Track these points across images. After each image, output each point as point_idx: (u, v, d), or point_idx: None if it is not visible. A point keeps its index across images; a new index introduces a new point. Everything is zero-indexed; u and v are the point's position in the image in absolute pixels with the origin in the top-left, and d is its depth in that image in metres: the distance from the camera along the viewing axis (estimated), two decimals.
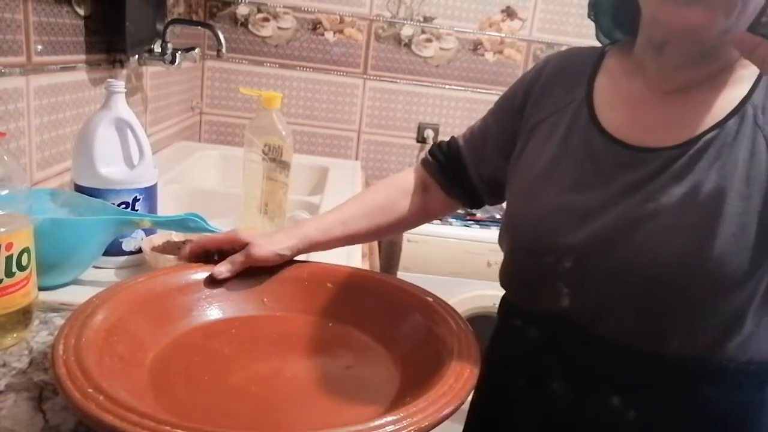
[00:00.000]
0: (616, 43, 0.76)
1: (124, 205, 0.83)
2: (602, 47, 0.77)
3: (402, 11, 2.08)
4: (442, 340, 0.61)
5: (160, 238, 0.88)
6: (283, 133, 0.88)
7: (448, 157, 0.87)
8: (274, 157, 0.89)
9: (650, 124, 0.67)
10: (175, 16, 1.68)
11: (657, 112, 0.67)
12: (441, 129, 2.19)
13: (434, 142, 0.91)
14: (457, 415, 0.50)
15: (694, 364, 0.65)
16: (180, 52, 1.41)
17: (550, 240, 0.69)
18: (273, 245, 0.73)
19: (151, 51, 1.37)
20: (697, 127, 0.64)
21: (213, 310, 0.69)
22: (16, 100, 0.90)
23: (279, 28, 2.06)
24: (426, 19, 2.09)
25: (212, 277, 0.70)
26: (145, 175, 0.86)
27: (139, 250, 0.86)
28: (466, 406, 0.67)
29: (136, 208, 0.85)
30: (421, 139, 2.19)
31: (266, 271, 0.73)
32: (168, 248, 0.86)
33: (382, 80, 2.13)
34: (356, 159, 2.20)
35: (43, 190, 0.84)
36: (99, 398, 0.44)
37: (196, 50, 1.54)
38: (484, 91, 2.17)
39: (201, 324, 0.67)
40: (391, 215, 0.85)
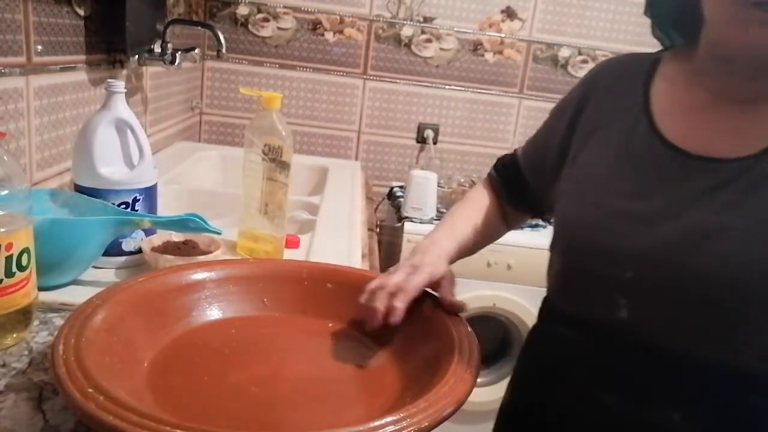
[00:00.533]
0: (670, 48, 0.75)
1: (124, 206, 0.83)
2: (657, 53, 0.75)
3: (402, 11, 2.08)
4: (442, 340, 0.61)
5: (160, 238, 0.88)
6: (283, 134, 0.88)
7: (509, 171, 0.88)
8: (274, 158, 0.89)
9: (714, 133, 0.65)
10: (175, 16, 1.68)
11: (722, 122, 0.65)
12: (441, 129, 2.19)
13: (501, 157, 0.92)
14: (457, 415, 0.50)
15: (764, 377, 0.63)
16: (180, 53, 1.41)
17: (610, 248, 0.67)
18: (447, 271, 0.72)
19: (151, 51, 1.37)
20: (754, 139, 0.61)
21: (213, 311, 0.69)
22: (16, 100, 0.90)
23: (279, 28, 2.06)
24: (426, 20, 2.09)
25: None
26: (145, 176, 0.86)
27: (139, 251, 0.86)
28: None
29: (136, 208, 0.85)
30: (421, 140, 2.19)
31: (266, 272, 0.73)
32: (168, 248, 0.86)
33: (382, 80, 2.13)
34: (356, 159, 2.20)
35: (43, 190, 0.84)
36: (99, 398, 0.44)
37: (196, 50, 1.54)
38: (484, 91, 2.17)
39: (201, 324, 0.67)
40: (488, 228, 0.86)
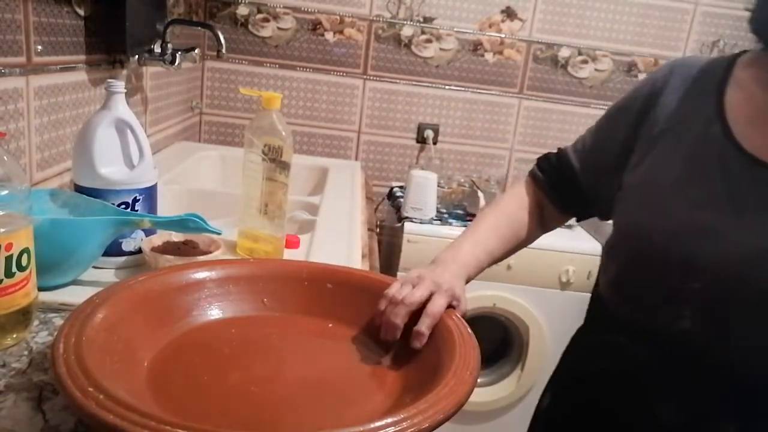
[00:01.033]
0: (745, 53, 0.72)
1: (123, 206, 0.83)
2: (730, 57, 0.73)
3: (402, 12, 2.08)
4: (442, 341, 0.61)
5: (160, 238, 0.88)
6: (283, 134, 0.88)
7: (558, 171, 0.86)
8: (274, 158, 0.89)
9: None
10: (175, 16, 1.68)
11: None
12: (441, 129, 2.19)
13: (546, 156, 0.88)
14: (458, 415, 0.50)
15: None
16: (180, 53, 1.41)
17: (680, 258, 0.65)
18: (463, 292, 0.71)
19: (151, 51, 1.37)
20: None
21: (213, 310, 0.69)
22: (16, 100, 0.90)
23: (279, 28, 2.06)
24: (426, 20, 2.09)
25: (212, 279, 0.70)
26: (144, 176, 0.86)
27: (139, 251, 0.86)
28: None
29: (135, 208, 0.85)
30: (421, 140, 2.19)
31: (266, 272, 0.73)
32: (168, 248, 0.86)
33: (382, 81, 2.13)
34: (356, 159, 2.20)
35: (43, 191, 0.84)
36: (99, 397, 0.44)
37: (196, 51, 1.54)
38: (484, 91, 2.17)
39: (201, 324, 0.67)
40: (519, 235, 0.85)
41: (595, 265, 1.79)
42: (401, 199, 1.87)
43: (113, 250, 0.83)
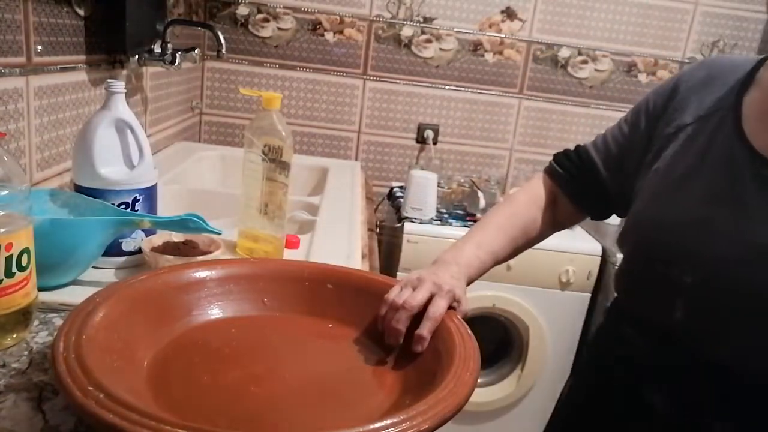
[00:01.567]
0: None
1: (124, 206, 0.83)
2: (760, 57, 0.73)
3: (402, 12, 2.08)
4: (442, 342, 0.61)
5: (160, 238, 0.88)
6: (283, 134, 0.88)
7: (579, 168, 0.85)
8: (274, 158, 0.89)
9: None
10: (175, 16, 1.68)
11: None
12: (441, 129, 2.19)
13: (564, 153, 0.87)
14: (458, 415, 0.50)
15: None
16: (180, 53, 1.41)
17: (677, 251, 0.67)
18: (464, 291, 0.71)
19: (151, 51, 1.37)
20: None
21: (213, 310, 0.69)
22: (16, 100, 0.90)
23: (279, 28, 2.06)
24: (426, 20, 2.09)
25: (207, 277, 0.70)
26: (144, 176, 0.86)
27: (139, 251, 0.86)
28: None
29: (135, 208, 0.85)
30: (421, 140, 2.19)
31: (267, 272, 0.73)
32: (168, 249, 0.86)
33: (382, 81, 2.13)
34: (356, 159, 2.20)
35: (42, 191, 0.84)
36: (99, 396, 0.43)
37: (196, 51, 1.54)
38: (484, 91, 2.17)
39: (201, 323, 0.66)
40: (529, 234, 0.85)
41: (595, 265, 1.80)
42: (401, 199, 1.87)
43: (113, 250, 0.83)
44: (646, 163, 0.76)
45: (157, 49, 1.38)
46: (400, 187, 2.05)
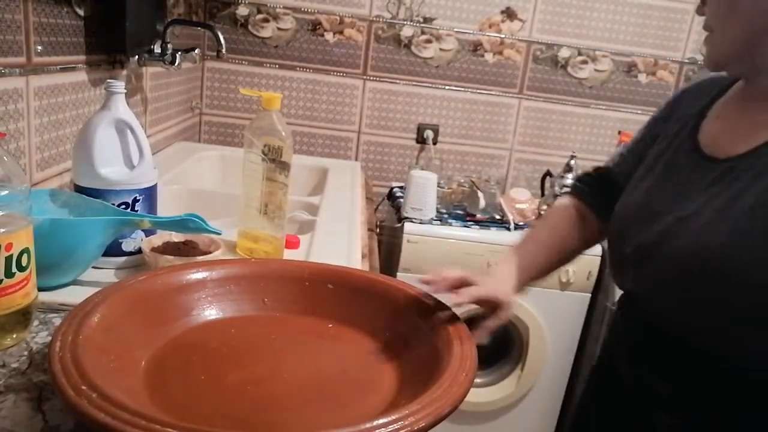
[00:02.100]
0: None
1: (123, 206, 0.83)
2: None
3: (402, 12, 2.08)
4: (440, 342, 0.61)
5: (160, 238, 0.88)
6: (283, 134, 0.88)
7: (600, 183, 0.91)
8: (274, 158, 0.89)
9: (731, 134, 0.72)
10: (175, 16, 1.68)
11: (740, 124, 0.72)
12: (441, 130, 2.19)
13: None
14: (457, 415, 0.50)
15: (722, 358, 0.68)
16: (180, 53, 1.41)
17: (626, 227, 0.78)
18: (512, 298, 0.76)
19: (151, 51, 1.37)
20: (756, 139, 0.68)
21: (213, 310, 0.69)
22: (16, 100, 0.90)
23: (279, 28, 2.06)
24: (426, 20, 2.09)
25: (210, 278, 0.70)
26: (144, 176, 0.86)
27: (139, 251, 0.86)
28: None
29: (135, 208, 0.85)
30: (421, 140, 2.19)
31: (267, 272, 0.73)
32: (168, 249, 0.86)
33: (381, 81, 2.13)
34: (356, 160, 2.20)
35: (42, 191, 0.84)
36: (92, 396, 0.44)
37: (196, 51, 1.54)
38: (484, 91, 2.17)
39: (200, 323, 0.67)
40: (565, 251, 0.90)
41: (595, 265, 1.80)
42: (401, 200, 1.87)
43: (113, 250, 0.83)
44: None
45: (157, 49, 1.38)
46: (400, 187, 2.05)
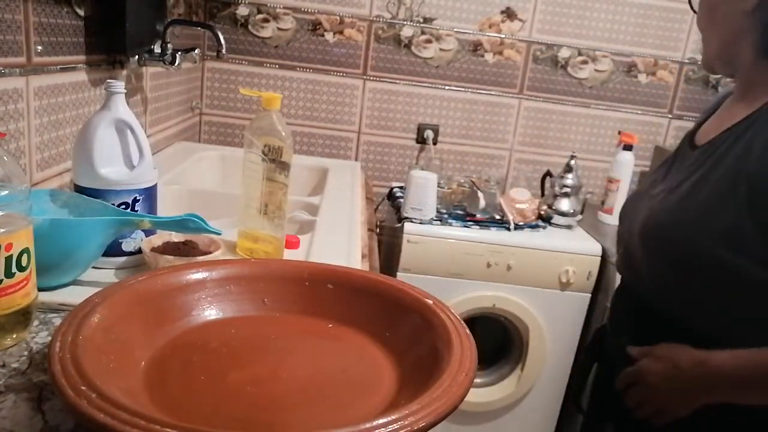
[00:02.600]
0: None
1: (123, 206, 0.83)
2: None
3: (402, 12, 2.08)
4: (440, 342, 0.61)
5: (160, 238, 0.88)
6: (283, 134, 0.88)
7: None
8: (274, 158, 0.89)
9: (713, 125, 0.82)
10: (175, 16, 1.68)
11: (721, 116, 0.82)
12: (441, 130, 2.19)
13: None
14: (458, 415, 0.50)
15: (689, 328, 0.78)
16: (180, 53, 1.41)
17: (623, 215, 0.91)
18: None
19: (151, 52, 1.37)
20: (723, 128, 0.78)
21: (213, 310, 0.69)
22: (16, 100, 0.90)
23: (279, 28, 2.06)
24: (426, 20, 2.09)
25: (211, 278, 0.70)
26: (144, 176, 0.86)
27: (139, 251, 0.86)
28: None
29: (135, 208, 0.85)
30: (421, 140, 2.19)
31: (267, 272, 0.73)
32: (167, 249, 0.86)
33: (381, 81, 2.13)
34: (356, 160, 2.20)
35: (42, 191, 0.84)
36: (91, 396, 0.44)
37: (196, 51, 1.54)
38: (484, 92, 2.17)
39: (200, 323, 0.66)
40: None
41: (595, 265, 1.80)
42: (401, 200, 1.87)
43: (113, 250, 0.83)
44: None
45: (157, 50, 1.38)
46: (400, 188, 2.05)
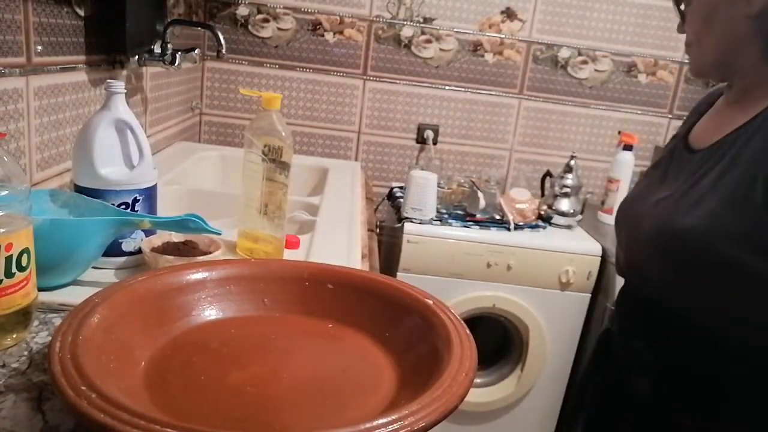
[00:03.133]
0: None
1: (123, 206, 0.83)
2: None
3: (402, 12, 2.08)
4: (440, 342, 0.61)
5: (160, 238, 0.88)
6: (283, 134, 0.88)
7: None
8: (274, 158, 0.89)
9: (709, 129, 0.81)
10: (175, 16, 1.68)
11: (717, 120, 0.81)
12: (441, 130, 2.19)
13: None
14: (458, 415, 0.50)
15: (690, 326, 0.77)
16: (180, 53, 1.41)
17: (623, 218, 0.90)
18: None
19: (151, 52, 1.37)
20: (724, 132, 0.76)
21: (213, 310, 0.69)
22: (16, 100, 0.90)
23: (279, 29, 2.06)
24: (426, 20, 2.09)
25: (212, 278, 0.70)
26: (144, 176, 0.86)
27: (139, 251, 0.86)
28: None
29: (135, 208, 0.85)
30: (421, 140, 2.19)
31: (267, 272, 0.73)
32: (167, 249, 0.86)
33: (381, 81, 2.13)
34: (356, 160, 2.20)
35: (42, 191, 0.84)
36: (91, 396, 0.44)
37: (196, 51, 1.54)
38: (484, 92, 2.17)
39: (200, 324, 0.66)
40: None
41: (595, 265, 1.80)
42: (401, 200, 1.87)
43: (113, 250, 0.83)
44: None
45: (157, 50, 1.38)
46: (400, 188, 2.05)
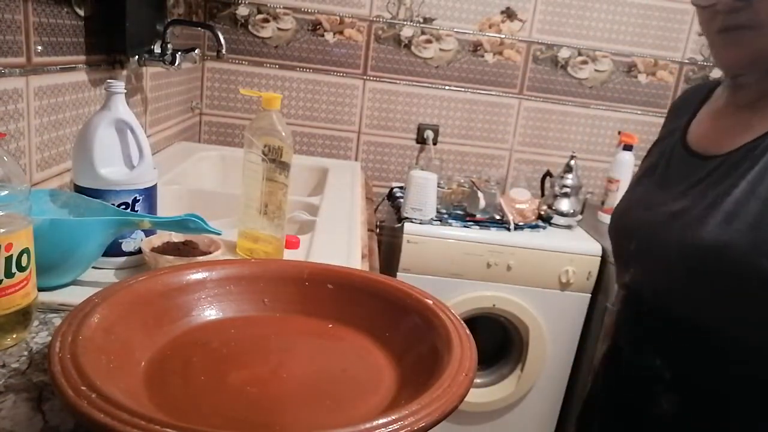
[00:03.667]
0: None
1: (123, 206, 0.83)
2: (720, 79, 0.84)
3: (402, 12, 2.08)
4: (440, 342, 0.61)
5: (160, 238, 0.88)
6: (283, 134, 0.88)
7: None
8: (274, 158, 0.89)
9: (719, 134, 0.76)
10: (175, 17, 1.68)
11: (728, 125, 0.76)
12: (441, 130, 2.19)
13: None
14: (458, 415, 0.50)
15: (711, 334, 0.72)
16: (180, 53, 1.41)
17: (624, 226, 0.85)
18: None
19: (151, 52, 1.37)
20: (743, 138, 0.71)
21: (213, 310, 0.69)
22: (16, 100, 0.90)
23: (279, 29, 2.06)
24: (426, 20, 2.09)
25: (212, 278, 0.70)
26: (144, 176, 0.86)
27: (139, 251, 0.86)
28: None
29: (135, 208, 0.85)
30: (421, 140, 2.19)
31: (267, 272, 0.73)
32: (167, 249, 0.86)
33: (381, 81, 2.13)
34: (356, 160, 2.20)
35: (42, 191, 0.84)
36: (91, 396, 0.44)
37: (196, 51, 1.54)
38: (484, 92, 2.17)
39: (200, 324, 0.66)
40: None
41: (595, 265, 1.80)
42: (401, 200, 1.87)
43: (113, 250, 0.83)
44: None
45: (157, 50, 1.38)
46: (400, 188, 2.05)
